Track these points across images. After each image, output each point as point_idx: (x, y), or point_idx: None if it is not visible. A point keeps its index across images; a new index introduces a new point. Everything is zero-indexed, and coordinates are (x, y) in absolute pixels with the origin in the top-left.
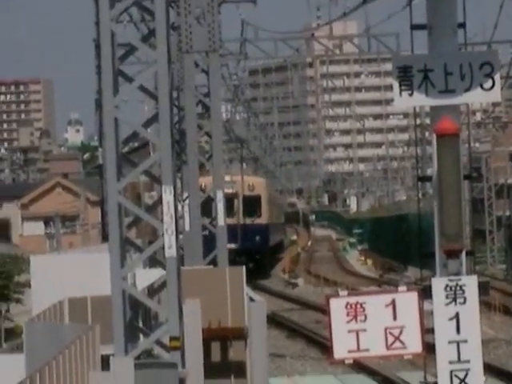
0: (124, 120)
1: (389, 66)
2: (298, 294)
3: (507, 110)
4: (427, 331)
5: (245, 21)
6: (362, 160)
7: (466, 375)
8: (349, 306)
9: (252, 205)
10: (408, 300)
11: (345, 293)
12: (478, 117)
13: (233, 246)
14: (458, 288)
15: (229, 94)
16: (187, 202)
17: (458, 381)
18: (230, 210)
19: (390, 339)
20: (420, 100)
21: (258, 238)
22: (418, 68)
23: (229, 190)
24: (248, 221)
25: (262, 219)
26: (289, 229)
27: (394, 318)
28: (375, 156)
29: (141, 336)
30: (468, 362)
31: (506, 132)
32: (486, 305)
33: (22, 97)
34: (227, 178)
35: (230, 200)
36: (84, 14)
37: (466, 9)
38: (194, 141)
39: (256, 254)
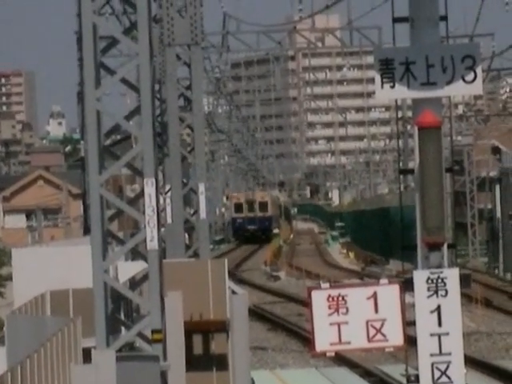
0: (106, 112)
1: (371, 59)
2: (280, 286)
3: (489, 103)
4: (409, 324)
5: (227, 13)
6: (344, 153)
7: (447, 368)
8: (330, 299)
9: (263, 206)
10: (389, 293)
11: (327, 285)
12: (460, 110)
13: (253, 227)
14: (440, 281)
15: (211, 87)
16: (169, 194)
17: (440, 373)
18: (252, 208)
19: (372, 332)
20: (402, 93)
21: (266, 223)
22: (399, 61)
23: (251, 198)
24: (261, 214)
25: (269, 213)
26: None
27: (376, 310)
28: (357, 149)
29: (122, 329)
30: (449, 354)
31: (488, 125)
32: (467, 297)
33: (3, 89)
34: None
35: (252, 203)
36: (66, 5)
37: (447, 1)
38: (176, 133)
39: (266, 231)
